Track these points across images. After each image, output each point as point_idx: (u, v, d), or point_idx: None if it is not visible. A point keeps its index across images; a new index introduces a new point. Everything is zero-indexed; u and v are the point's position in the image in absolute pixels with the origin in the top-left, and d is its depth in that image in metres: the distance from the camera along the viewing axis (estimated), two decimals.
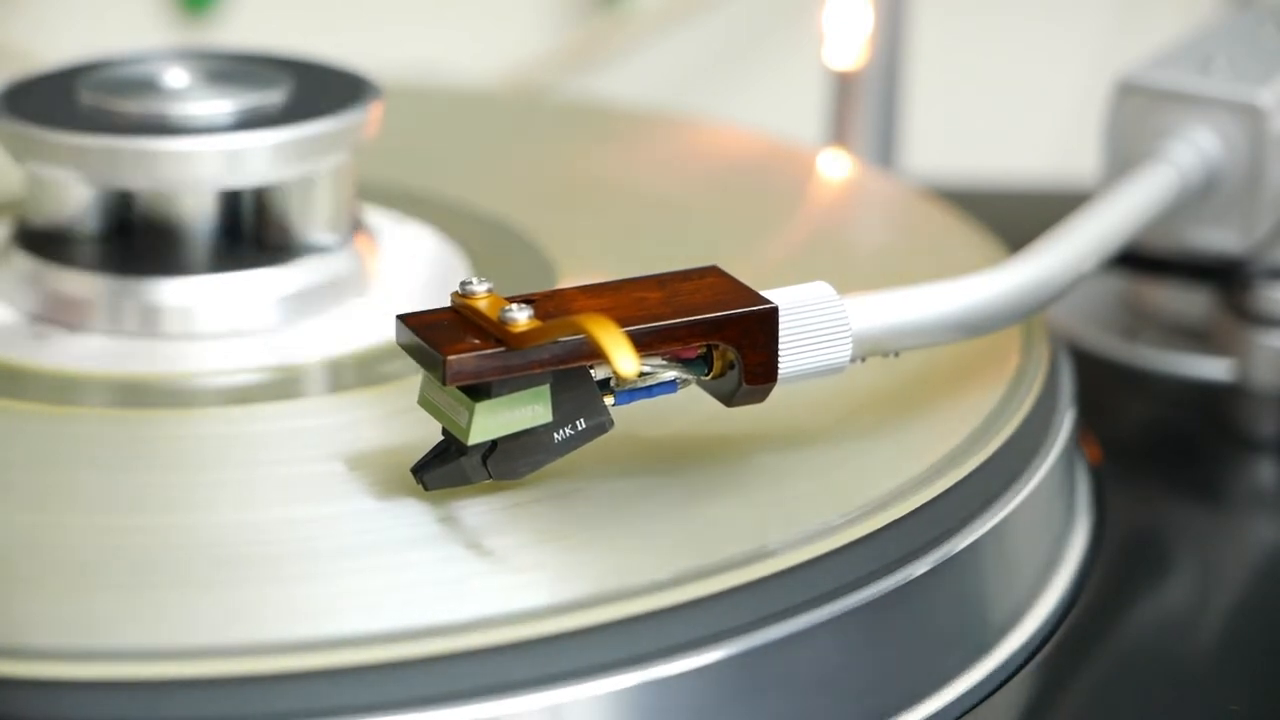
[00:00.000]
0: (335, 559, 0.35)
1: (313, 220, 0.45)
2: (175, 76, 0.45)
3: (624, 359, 0.32)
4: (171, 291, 0.43)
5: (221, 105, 0.44)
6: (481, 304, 0.35)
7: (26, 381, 0.41)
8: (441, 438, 0.36)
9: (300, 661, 0.32)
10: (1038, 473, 0.41)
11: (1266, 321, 0.49)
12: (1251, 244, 0.51)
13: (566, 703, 0.33)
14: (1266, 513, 0.47)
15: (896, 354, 0.39)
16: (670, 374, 0.36)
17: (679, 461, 0.38)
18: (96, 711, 0.31)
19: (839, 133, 0.63)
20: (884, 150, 0.63)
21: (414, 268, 0.47)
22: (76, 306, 0.43)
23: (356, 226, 0.46)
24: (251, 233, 0.45)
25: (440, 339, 0.34)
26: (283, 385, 0.42)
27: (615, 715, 0.33)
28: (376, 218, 0.49)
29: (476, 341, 0.34)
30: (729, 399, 0.36)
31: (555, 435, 0.35)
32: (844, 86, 0.63)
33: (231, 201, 0.45)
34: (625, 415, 0.36)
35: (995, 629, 0.39)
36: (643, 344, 0.35)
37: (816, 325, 0.37)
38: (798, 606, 0.35)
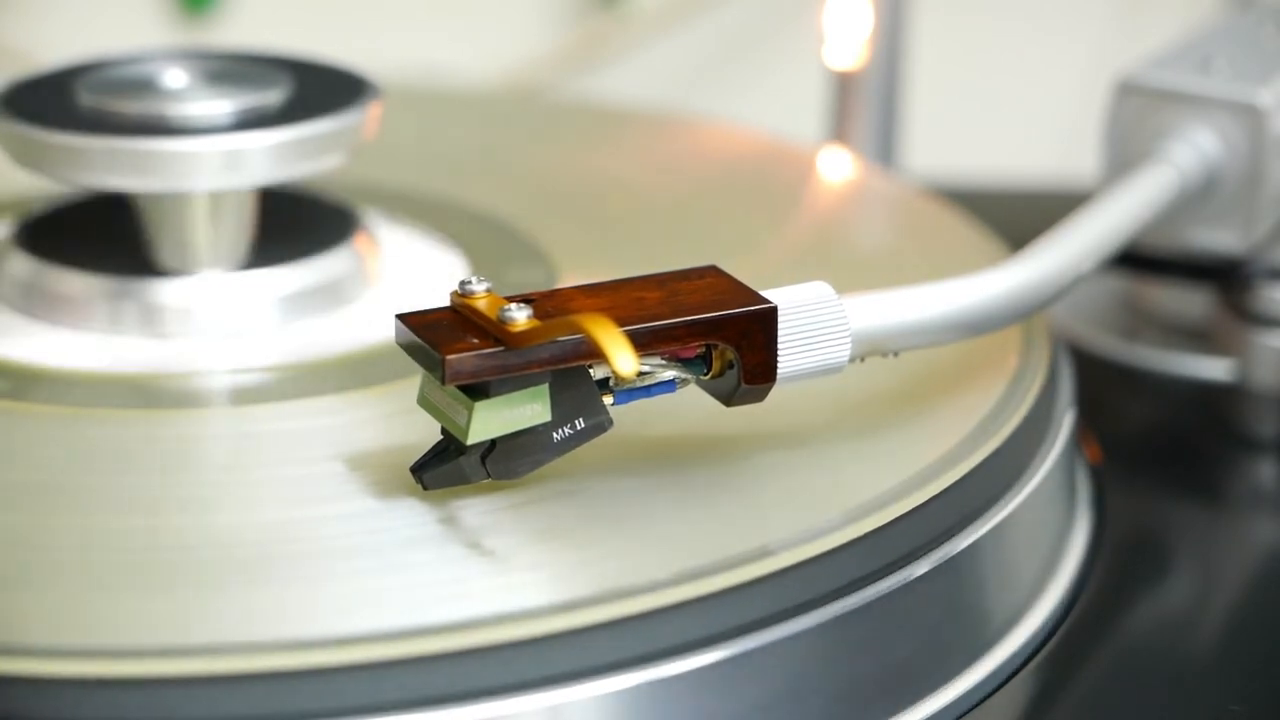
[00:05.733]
0: (335, 559, 0.35)
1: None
2: (174, 77, 0.45)
3: (623, 358, 0.32)
4: (171, 291, 0.43)
5: (220, 105, 0.44)
6: (480, 303, 0.35)
7: (26, 382, 0.41)
8: (441, 437, 0.36)
9: (300, 661, 0.32)
10: (1038, 473, 0.41)
11: (1266, 321, 0.49)
12: (1251, 244, 0.51)
13: (566, 703, 0.33)
14: (1266, 513, 0.47)
15: (896, 354, 0.39)
16: (669, 374, 0.36)
17: (678, 461, 0.38)
18: (97, 710, 0.31)
19: (839, 132, 0.63)
20: (884, 150, 0.63)
21: (413, 268, 0.47)
22: (76, 306, 0.43)
23: (357, 226, 0.46)
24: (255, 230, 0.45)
25: (439, 338, 0.34)
26: (282, 385, 0.42)
27: (615, 715, 0.33)
28: (376, 218, 0.49)
29: (475, 341, 0.34)
30: (728, 399, 0.36)
31: (554, 435, 0.35)
32: (844, 86, 0.63)
33: (232, 201, 0.45)
34: (624, 415, 0.36)
35: (995, 629, 0.39)
36: (641, 343, 0.35)
37: (815, 325, 0.36)
38: (798, 606, 0.35)
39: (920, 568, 0.37)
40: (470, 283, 0.35)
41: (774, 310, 0.36)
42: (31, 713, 0.31)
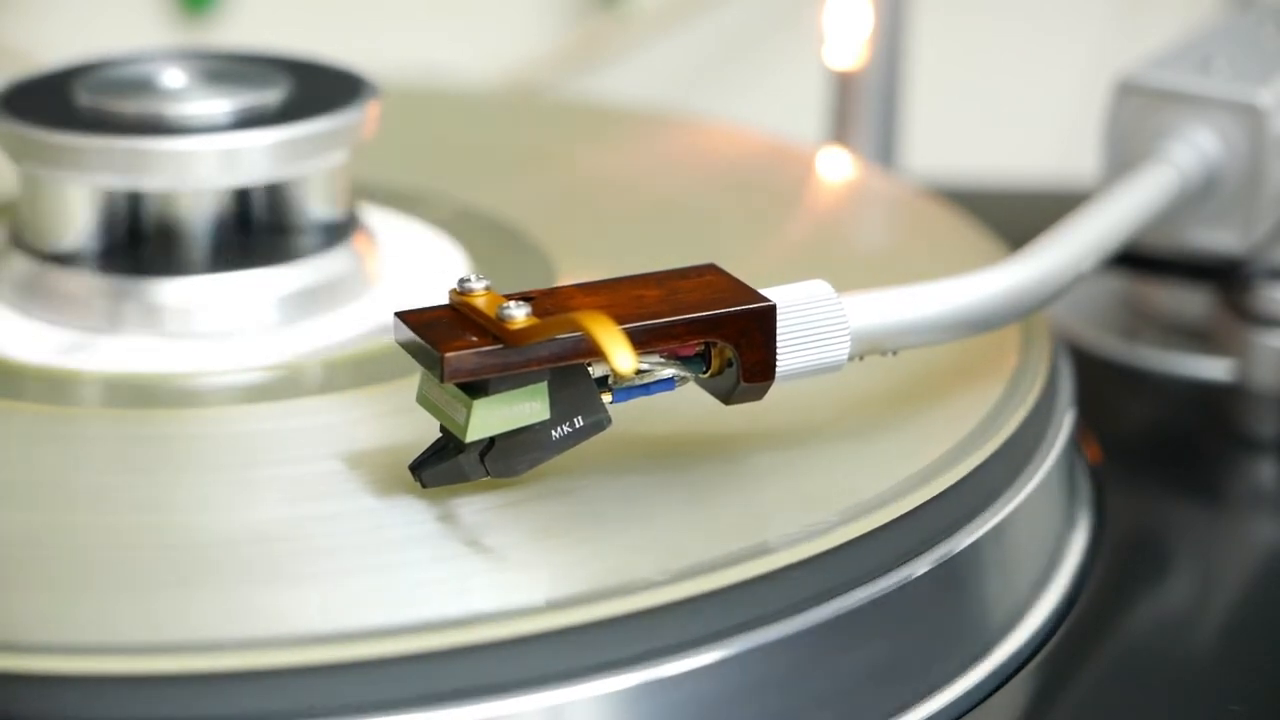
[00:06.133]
0: (334, 557, 0.35)
1: (311, 217, 0.45)
2: (173, 77, 0.45)
3: (621, 356, 0.32)
4: (171, 291, 0.43)
5: (219, 105, 0.44)
6: (479, 301, 0.35)
7: (26, 381, 0.41)
8: (440, 435, 0.36)
9: (298, 658, 0.32)
10: (1038, 473, 0.41)
11: (1266, 321, 0.49)
12: (1251, 244, 0.51)
13: (566, 702, 0.33)
14: (1266, 513, 0.47)
15: (895, 353, 0.39)
16: (668, 372, 0.36)
17: (677, 459, 0.38)
18: (96, 708, 0.31)
19: (839, 132, 0.63)
20: (884, 150, 0.63)
21: (414, 267, 0.47)
22: (76, 306, 0.43)
23: (356, 226, 0.46)
24: (254, 229, 0.45)
25: (438, 336, 0.34)
26: (282, 384, 0.42)
27: (615, 715, 0.33)
28: (376, 218, 0.49)
29: (474, 339, 0.34)
30: (727, 397, 0.36)
31: (553, 433, 0.35)
32: (844, 86, 0.63)
33: (231, 201, 0.45)
34: (623, 413, 0.36)
35: (995, 629, 0.39)
36: (640, 342, 0.35)
37: (814, 323, 0.36)
38: (797, 605, 0.35)
39: (920, 568, 0.37)
40: (469, 281, 0.35)
41: (773, 308, 0.36)
42: (31, 712, 0.31)
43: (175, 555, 0.35)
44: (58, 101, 0.44)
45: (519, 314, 0.34)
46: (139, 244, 0.44)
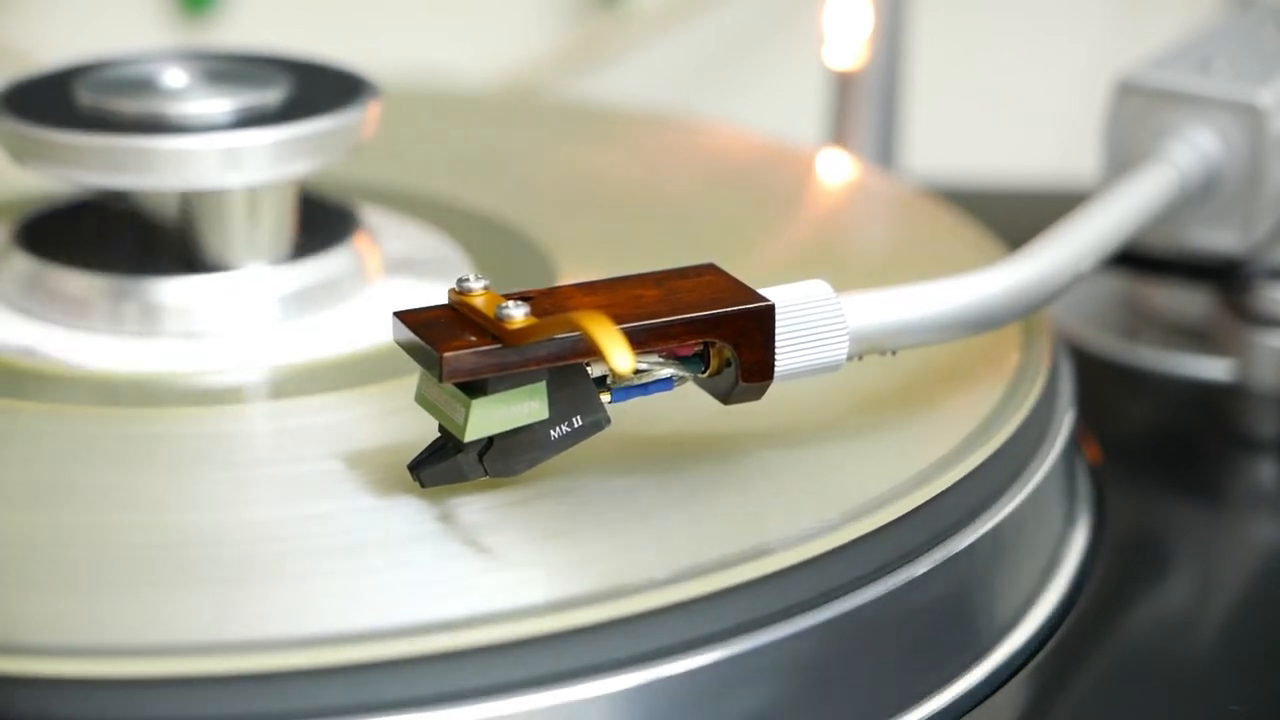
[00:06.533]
0: (333, 557, 0.35)
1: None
2: (173, 76, 0.45)
3: (620, 356, 0.32)
4: (170, 290, 0.43)
5: (219, 104, 0.44)
6: (478, 301, 0.35)
7: (26, 381, 0.41)
8: (439, 435, 0.36)
9: (298, 660, 0.32)
10: (1038, 473, 0.41)
11: (1266, 321, 0.49)
12: (1251, 244, 0.51)
13: (566, 702, 0.33)
14: (1266, 513, 0.47)
15: (894, 352, 0.39)
16: (667, 371, 0.36)
17: (676, 459, 0.38)
18: (95, 709, 0.31)
19: (839, 133, 0.63)
20: (884, 150, 0.63)
21: (413, 267, 0.47)
22: (76, 306, 0.43)
23: (357, 226, 0.46)
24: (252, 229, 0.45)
25: (437, 336, 0.34)
26: (281, 384, 0.42)
27: (615, 715, 0.33)
28: (376, 218, 0.49)
29: (473, 338, 0.34)
30: (725, 396, 0.36)
31: (551, 432, 0.35)
32: (844, 86, 0.63)
33: (230, 200, 0.45)
34: (622, 413, 0.36)
35: (995, 629, 0.39)
36: (639, 341, 0.35)
37: (813, 323, 0.36)
38: (797, 606, 0.35)
39: (920, 568, 0.37)
40: (468, 280, 0.35)
41: (771, 308, 0.36)
42: (30, 712, 0.31)
43: (173, 555, 0.35)
44: (58, 101, 0.44)
45: (517, 314, 0.34)
46: (139, 243, 0.44)
